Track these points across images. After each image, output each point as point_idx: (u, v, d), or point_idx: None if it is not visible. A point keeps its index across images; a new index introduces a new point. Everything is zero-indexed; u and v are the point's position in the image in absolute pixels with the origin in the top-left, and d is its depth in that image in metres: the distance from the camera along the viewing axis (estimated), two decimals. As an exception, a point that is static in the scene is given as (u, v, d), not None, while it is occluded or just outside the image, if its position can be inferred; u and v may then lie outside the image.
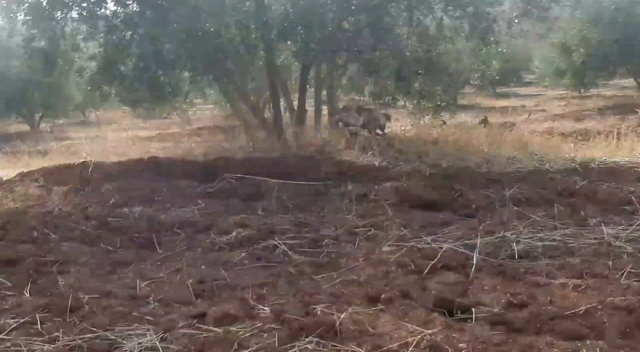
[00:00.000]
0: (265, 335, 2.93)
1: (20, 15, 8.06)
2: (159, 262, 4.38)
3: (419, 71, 8.29)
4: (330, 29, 7.58)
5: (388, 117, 9.20)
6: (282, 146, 7.74)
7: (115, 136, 22.69)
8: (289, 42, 7.78)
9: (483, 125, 10.58)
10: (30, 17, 7.94)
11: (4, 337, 3.22)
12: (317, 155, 7.26)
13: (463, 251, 4.17)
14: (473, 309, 3.21)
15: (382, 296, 3.34)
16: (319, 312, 3.10)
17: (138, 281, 3.93)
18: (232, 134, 10.12)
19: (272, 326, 3.01)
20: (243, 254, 4.38)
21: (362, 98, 14.76)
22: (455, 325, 3.02)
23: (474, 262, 3.94)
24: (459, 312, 3.20)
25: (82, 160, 8.73)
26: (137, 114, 32.02)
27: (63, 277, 4.12)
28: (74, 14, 8.14)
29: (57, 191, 6.94)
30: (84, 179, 7.24)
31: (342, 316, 3.01)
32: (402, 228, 4.84)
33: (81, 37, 8.21)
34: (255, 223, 5.14)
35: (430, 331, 2.86)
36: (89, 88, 8.93)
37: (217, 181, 6.58)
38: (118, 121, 30.26)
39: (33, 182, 7.59)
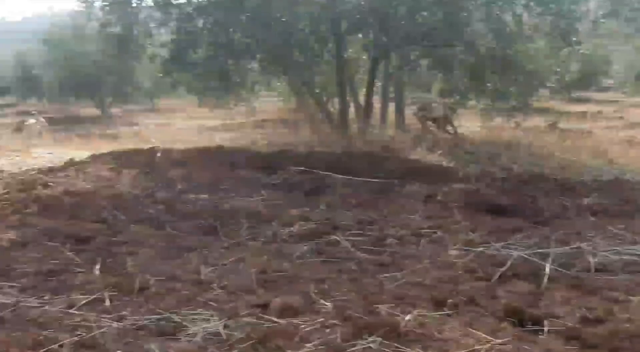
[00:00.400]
0: (328, 330, 2.88)
1: (98, 1, 8.31)
2: (222, 250, 4.41)
3: (495, 70, 7.98)
4: (403, 22, 7.42)
5: (454, 111, 8.96)
6: (347, 142, 7.68)
7: (182, 124, 23.36)
8: (359, 36, 7.67)
9: (553, 129, 10.14)
10: (107, 3, 8.18)
11: (74, 312, 3.33)
12: (382, 152, 7.15)
13: (534, 260, 3.98)
14: (545, 321, 3.05)
15: (449, 300, 3.22)
16: (382, 312, 3.03)
17: (202, 266, 3.97)
18: (296, 127, 10.15)
19: (334, 322, 2.95)
20: (305, 248, 4.34)
21: (427, 95, 14.50)
22: (526, 336, 2.87)
23: (547, 272, 3.76)
24: (529, 323, 3.05)
25: (150, 145, 9.00)
26: (203, 103, 32.96)
27: (131, 258, 4.23)
28: (149, 1, 8.32)
29: (127, 174, 7.16)
30: (152, 164, 7.43)
31: (406, 318, 2.92)
32: (470, 232, 4.69)
33: (154, 25, 8.40)
34: (318, 217, 5.11)
35: (499, 341, 2.73)
36: (160, 75, 9.15)
37: (280, 173, 6.59)
38: (184, 110, 31.18)
39: (104, 165, 7.87)
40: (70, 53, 23.27)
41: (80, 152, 11.58)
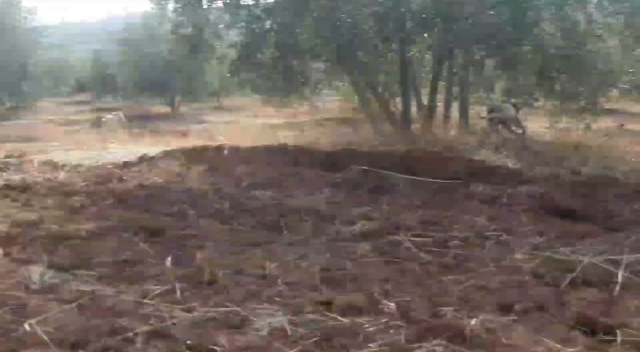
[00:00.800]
0: (392, 331, 2.89)
1: (171, 3, 8.61)
2: (286, 246, 4.50)
3: (564, 70, 7.71)
4: (469, 21, 7.29)
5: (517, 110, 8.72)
6: (409, 141, 7.63)
7: (247, 123, 23.88)
8: (425, 35, 7.59)
9: (622, 131, 9.66)
10: (179, 5, 8.47)
11: (148, 301, 3.51)
12: (446, 152, 7.06)
13: (606, 266, 3.84)
14: (618, 331, 2.94)
15: (516, 306, 3.16)
16: (448, 315, 3.01)
17: (267, 262, 4.07)
18: (358, 126, 10.17)
19: (398, 323, 2.97)
20: (367, 247, 4.37)
21: (489, 96, 14.12)
22: (598, 346, 2.78)
23: (619, 279, 3.62)
24: (601, 332, 2.95)
25: (218, 143, 9.27)
26: (267, 102, 33.59)
27: (200, 251, 4.40)
28: (219, 3, 8.56)
29: (195, 169, 7.43)
30: (220, 161, 7.66)
31: (472, 322, 2.90)
32: (537, 236, 4.57)
33: (223, 26, 8.64)
34: (380, 217, 5.12)
35: (571, 349, 2.66)
36: (228, 75, 9.41)
37: (343, 171, 6.64)
38: (249, 108, 31.83)
39: (174, 160, 8.20)
40: (143, 53, 24.28)
41: (152, 148, 12.09)
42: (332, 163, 7.01)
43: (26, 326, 3.19)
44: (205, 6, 8.42)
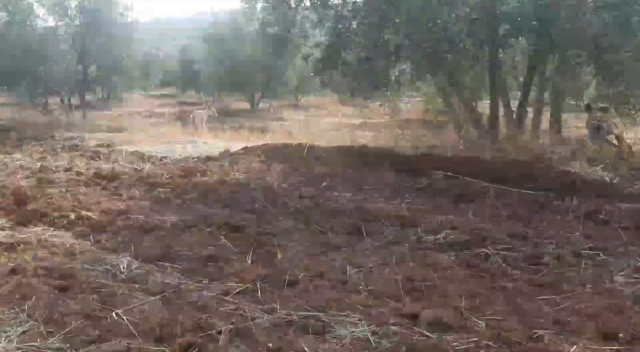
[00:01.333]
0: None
1: (260, 2, 8.69)
2: (367, 251, 4.40)
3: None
4: (567, 26, 6.88)
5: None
6: (496, 148, 7.29)
7: (324, 121, 23.96)
8: (520, 39, 7.20)
9: None
10: (268, 4, 8.53)
11: (229, 299, 3.51)
12: (536, 162, 6.68)
13: None
14: None
15: (620, 334, 2.90)
16: (545, 339, 2.80)
17: (348, 266, 3.98)
18: (440, 129, 9.89)
19: (490, 343, 2.79)
20: (452, 258, 4.18)
21: (577, 103, 13.33)
22: None
23: None
24: None
25: (297, 141, 9.29)
26: (344, 102, 33.60)
27: (280, 250, 4.38)
28: (307, 3, 8.55)
29: (276, 167, 7.47)
30: (300, 160, 7.65)
31: (572, 349, 2.68)
32: (639, 257, 4.21)
33: (310, 25, 8.64)
34: (466, 227, 4.89)
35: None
36: (311, 74, 9.40)
37: (425, 177, 6.44)
38: (325, 107, 31.97)
39: (255, 157, 8.29)
40: (227, 50, 24.89)
41: (232, 142, 12.34)
42: (413, 167, 6.82)
43: (113, 315, 3.28)
44: (293, 5, 8.41)
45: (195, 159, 8.73)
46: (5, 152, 10.74)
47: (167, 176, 7.34)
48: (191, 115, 12.82)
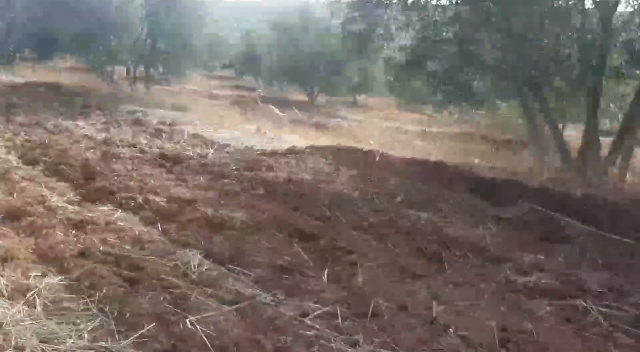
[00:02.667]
0: None
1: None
2: (451, 286, 4.04)
3: None
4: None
5: None
6: (583, 181, 6.76)
7: (382, 124, 23.53)
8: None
9: None
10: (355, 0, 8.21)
11: (308, 322, 3.23)
12: (635, 203, 6.12)
13: None
14: None
15: None
16: None
17: (434, 302, 3.64)
18: (509, 148, 9.42)
19: None
20: (548, 308, 3.78)
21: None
22: None
23: None
24: None
25: (363, 144, 8.94)
26: (400, 105, 33.07)
27: (357, 271, 4.07)
28: (396, 2, 8.17)
29: (345, 172, 7.15)
30: (370, 167, 7.33)
31: None
32: None
33: (395, 26, 8.27)
34: (557, 271, 4.46)
35: None
36: (391, 79, 9.03)
37: (508, 206, 6.01)
38: (383, 108, 31.51)
39: (322, 158, 7.98)
40: (294, 40, 24.69)
41: (291, 136, 12.11)
42: (493, 192, 6.38)
43: (187, 323, 3.04)
44: (379, 4, 8.06)
45: (260, 152, 8.48)
46: (70, 118, 10.82)
47: (233, 168, 7.12)
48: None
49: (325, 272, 3.98)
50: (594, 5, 6.41)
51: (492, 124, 15.46)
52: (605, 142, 7.98)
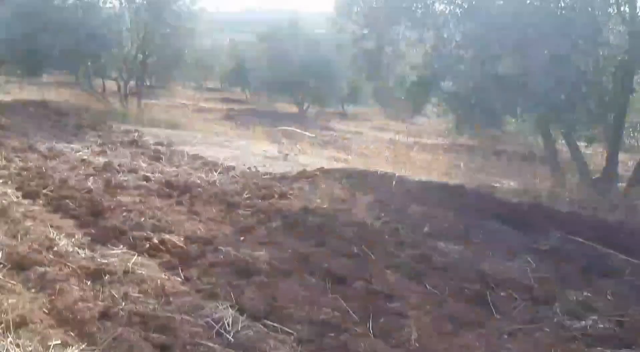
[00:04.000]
0: None
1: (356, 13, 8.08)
2: (506, 336, 3.72)
3: None
4: None
5: None
6: (610, 205, 6.49)
7: (373, 135, 23.29)
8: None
9: None
10: (363, 16, 7.93)
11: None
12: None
13: None
14: None
15: None
16: None
17: (495, 360, 3.32)
18: (526, 167, 9.19)
19: None
20: (615, 361, 3.48)
21: None
22: None
23: None
24: None
25: (376, 167, 8.61)
26: (389, 115, 32.91)
27: (401, 320, 3.75)
28: (405, 18, 7.88)
29: (362, 198, 6.83)
30: (388, 193, 7.01)
31: None
32: None
33: (406, 43, 7.99)
34: (608, 312, 4.17)
35: None
36: (403, 98, 8.72)
37: (541, 234, 5.72)
38: (372, 118, 31.33)
39: (335, 182, 7.66)
40: (283, 52, 24.38)
41: (292, 154, 11.73)
42: (522, 219, 6.09)
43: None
44: (390, 22, 7.77)
45: (269, 177, 8.13)
46: (64, 140, 10.38)
47: (245, 196, 6.76)
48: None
49: (370, 326, 3.64)
50: (622, 24, 6.17)
51: (492, 138, 15.24)
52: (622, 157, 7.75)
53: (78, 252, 4.48)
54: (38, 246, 4.47)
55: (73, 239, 4.81)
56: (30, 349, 3.02)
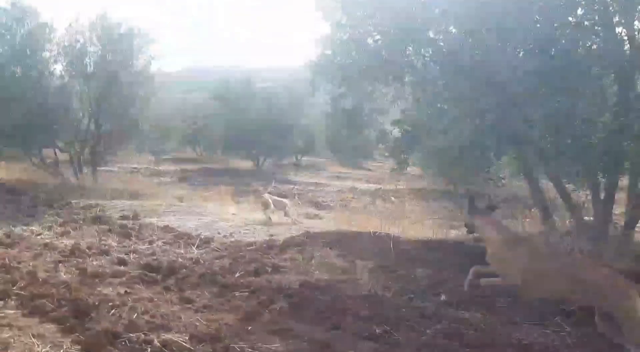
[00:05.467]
0: None
1: (330, 74, 7.91)
2: None
3: None
4: None
5: None
6: (617, 254, 6.31)
7: (333, 184, 23.10)
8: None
9: None
10: (338, 76, 7.77)
11: None
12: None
13: None
14: None
15: None
16: None
17: None
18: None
19: None
20: None
21: None
22: None
23: None
24: None
25: (372, 229, 8.21)
26: (342, 163, 33.02)
27: None
28: (380, 76, 7.74)
29: (362, 266, 6.44)
30: (385, 256, 6.67)
31: None
32: None
33: (386, 99, 7.84)
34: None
35: None
36: (386, 155, 8.50)
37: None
38: (326, 167, 31.29)
39: (325, 247, 7.26)
40: (237, 109, 24.17)
41: (258, 214, 11.23)
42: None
43: None
44: (366, 81, 7.62)
45: (253, 247, 7.65)
46: (21, 222, 9.56)
47: (237, 274, 6.26)
48: (269, 203, 10.87)
49: None
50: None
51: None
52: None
53: (71, 369, 3.87)
54: (23, 364, 3.84)
55: (61, 351, 4.18)
56: None
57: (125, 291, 5.63)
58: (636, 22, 6.34)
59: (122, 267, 6.67)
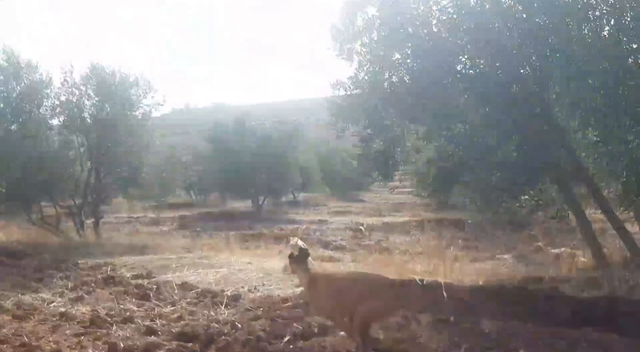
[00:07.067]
0: None
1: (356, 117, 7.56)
2: None
3: None
4: None
5: None
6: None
7: (338, 220, 22.57)
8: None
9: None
10: (364, 118, 7.41)
11: None
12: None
13: None
14: None
15: None
16: None
17: None
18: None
19: None
20: None
21: None
22: None
23: None
24: None
25: (412, 276, 7.71)
26: (337, 197, 32.62)
27: None
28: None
29: (420, 321, 5.92)
30: (444, 308, 6.14)
31: None
32: None
33: (416, 137, 7.48)
34: None
35: None
36: (422, 194, 8.11)
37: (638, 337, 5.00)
38: (324, 202, 30.85)
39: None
40: (232, 152, 23.74)
41: (266, 262, 10.68)
42: (611, 319, 5.38)
43: None
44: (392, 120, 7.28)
45: (290, 304, 7.11)
46: (30, 289, 8.89)
47: (284, 339, 5.71)
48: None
49: None
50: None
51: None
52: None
53: None
54: None
55: None
56: None
57: (168, 370, 5.06)
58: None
59: (152, 338, 6.09)
